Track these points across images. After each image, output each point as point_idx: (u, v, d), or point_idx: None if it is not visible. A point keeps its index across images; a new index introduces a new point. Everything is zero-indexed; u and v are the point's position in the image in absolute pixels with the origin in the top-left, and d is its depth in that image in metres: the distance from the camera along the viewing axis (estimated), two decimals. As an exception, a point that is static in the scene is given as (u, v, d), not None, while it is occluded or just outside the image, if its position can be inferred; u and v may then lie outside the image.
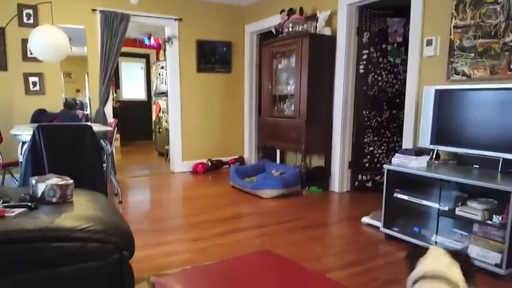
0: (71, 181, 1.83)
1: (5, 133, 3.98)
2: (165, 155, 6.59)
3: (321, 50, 4.10)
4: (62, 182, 1.79)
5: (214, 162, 5.54)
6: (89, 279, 1.54)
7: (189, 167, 5.47)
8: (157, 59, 7.89)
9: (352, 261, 2.44)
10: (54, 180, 1.86)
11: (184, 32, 5.31)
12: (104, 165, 3.45)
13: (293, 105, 4.35)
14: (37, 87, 4.43)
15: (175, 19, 5.21)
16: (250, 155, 5.87)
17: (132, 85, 9.07)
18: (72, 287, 1.52)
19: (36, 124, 2.94)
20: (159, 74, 7.15)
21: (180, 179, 5.05)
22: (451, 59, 2.97)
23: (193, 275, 1.22)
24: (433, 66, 3.13)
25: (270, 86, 4.74)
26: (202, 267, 1.26)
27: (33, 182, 1.91)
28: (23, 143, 3.08)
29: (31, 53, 4.03)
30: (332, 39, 4.13)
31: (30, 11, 4.30)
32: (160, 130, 7.08)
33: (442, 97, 2.76)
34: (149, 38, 7.80)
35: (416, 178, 2.62)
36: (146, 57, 8.99)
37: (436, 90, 2.79)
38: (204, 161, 5.49)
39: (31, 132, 2.86)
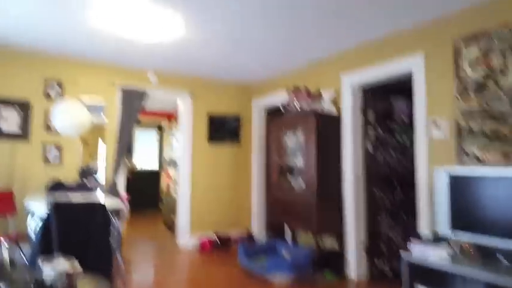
0: (80, 270, 1.84)
1: (19, 201, 4.07)
2: (171, 226, 6.54)
3: (328, 127, 4.20)
4: (71, 271, 1.80)
5: (222, 238, 5.43)
6: None
7: (196, 241, 5.40)
8: (170, 129, 8.18)
9: None
10: (62, 265, 1.87)
11: (196, 105, 5.59)
12: (111, 240, 3.45)
13: (302, 181, 4.33)
14: (55, 158, 4.58)
15: (189, 95, 5.51)
16: (259, 229, 5.78)
17: (145, 153, 9.29)
18: None
19: (51, 200, 3.00)
20: (172, 144, 7.36)
21: (187, 256, 4.91)
22: (460, 142, 2.97)
23: None
24: (443, 148, 3.14)
25: (278, 161, 4.81)
26: None
27: (41, 265, 1.92)
28: (33, 214, 3.13)
29: (52, 125, 4.27)
30: (338, 117, 4.26)
31: (56, 86, 4.61)
32: (168, 200, 7.10)
33: (455, 181, 2.72)
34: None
35: (437, 271, 2.51)
36: (160, 126, 9.32)
37: (449, 175, 2.75)
38: (212, 236, 5.42)
39: (44, 207, 2.92)
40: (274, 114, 5.32)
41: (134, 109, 4.99)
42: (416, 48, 3.43)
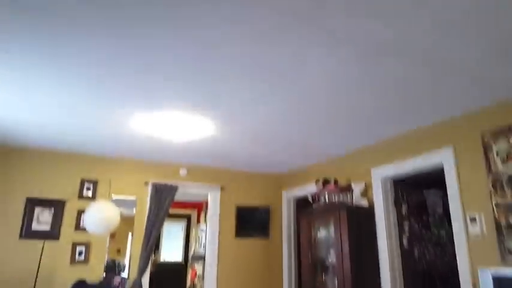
0: None
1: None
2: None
3: (360, 221, 4.07)
4: None
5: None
6: None
7: None
8: (198, 221, 8.13)
9: None
10: None
11: (225, 197, 5.60)
12: None
13: (336, 278, 4.10)
14: (82, 257, 4.55)
15: (218, 187, 5.58)
16: (290, 330, 5.34)
17: (171, 246, 9.13)
18: None
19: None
20: (199, 237, 7.25)
21: None
22: (501, 239, 2.83)
23: None
24: (483, 245, 2.97)
25: (309, 257, 4.60)
26: None
27: None
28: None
29: (83, 223, 4.33)
30: (370, 211, 4.15)
31: (91, 185, 4.79)
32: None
33: (500, 283, 2.53)
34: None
35: None
36: (188, 217, 9.29)
37: (494, 277, 2.57)
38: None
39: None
40: (304, 206, 5.25)
41: (165, 203, 5.06)
42: (445, 142, 3.43)
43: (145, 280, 4.83)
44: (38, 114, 3.49)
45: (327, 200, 4.50)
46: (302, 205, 5.54)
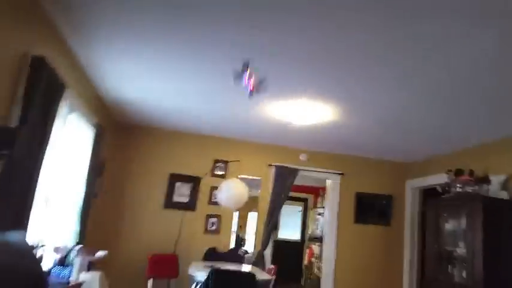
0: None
1: (181, 266, 4.59)
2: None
3: (498, 214, 3.68)
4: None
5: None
6: None
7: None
8: (315, 205, 8.28)
9: None
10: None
11: (345, 184, 5.60)
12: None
13: (464, 271, 3.82)
14: (214, 227, 5.14)
15: (338, 173, 5.60)
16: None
17: (288, 226, 9.52)
18: None
19: (211, 267, 3.36)
20: (316, 220, 7.40)
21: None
22: None
23: None
24: None
25: (434, 247, 4.35)
26: None
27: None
28: (197, 283, 3.51)
29: (215, 198, 4.85)
30: (510, 204, 3.71)
31: (222, 165, 5.32)
32: (311, 276, 6.98)
33: None
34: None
35: None
36: (304, 201, 9.53)
37: None
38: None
39: (204, 274, 3.27)
40: (430, 196, 4.93)
41: (286, 185, 5.32)
42: None
43: (268, 252, 5.20)
44: (179, 100, 4.00)
45: (459, 191, 4.15)
46: (427, 195, 5.19)
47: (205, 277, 3.24)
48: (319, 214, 7.14)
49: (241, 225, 8.49)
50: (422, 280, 4.73)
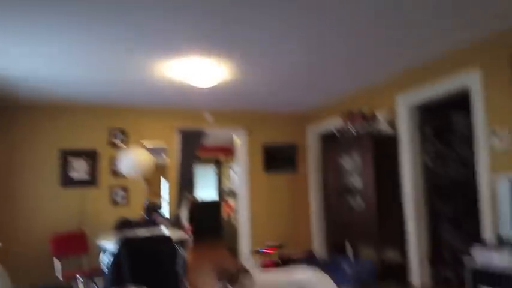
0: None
1: (91, 240, 4.37)
2: (234, 251, 6.61)
3: (385, 147, 4.15)
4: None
5: (284, 258, 5.36)
6: None
7: (258, 262, 5.39)
8: (227, 163, 8.42)
9: None
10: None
11: (251, 138, 5.74)
12: (178, 268, 3.59)
13: (362, 201, 4.31)
14: (123, 200, 4.93)
15: (244, 129, 5.70)
16: (320, 249, 5.71)
17: (204, 187, 9.61)
18: None
19: (121, 236, 3.22)
20: (229, 176, 7.55)
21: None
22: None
23: None
24: (504, 157, 3.00)
25: (335, 184, 4.78)
26: None
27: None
28: (105, 250, 3.36)
29: (118, 169, 4.61)
30: (395, 137, 4.17)
31: (120, 134, 5.02)
32: (231, 229, 7.22)
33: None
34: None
35: (505, 276, 2.41)
36: (217, 160, 9.63)
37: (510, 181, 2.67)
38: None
39: (115, 244, 3.14)
40: (329, 140, 5.32)
41: (193, 148, 5.27)
42: (472, 64, 3.30)
43: (184, 214, 5.22)
44: (50, 68, 3.58)
45: (353, 132, 4.54)
46: (328, 140, 5.60)
47: (115, 249, 3.11)
48: (233, 170, 7.29)
49: (155, 192, 8.29)
50: (327, 212, 5.22)
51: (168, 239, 3.33)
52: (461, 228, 3.99)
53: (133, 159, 3.94)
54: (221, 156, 9.40)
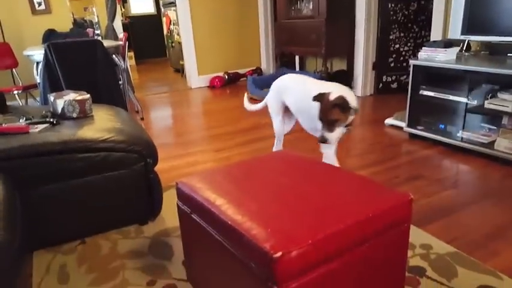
0: (88, 95, 1.82)
1: (19, 55, 3.96)
2: (180, 71, 6.49)
3: None
4: (80, 97, 1.78)
5: (231, 75, 5.41)
6: (118, 187, 1.61)
7: (206, 82, 5.38)
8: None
9: (374, 161, 2.45)
10: (72, 95, 1.85)
11: None
12: (120, 82, 3.45)
13: (311, 4, 4.08)
14: (43, 6, 4.27)
15: None
16: (268, 65, 5.69)
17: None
18: (104, 194, 1.60)
19: (47, 42, 2.88)
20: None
21: (198, 94, 5.02)
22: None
23: (214, 173, 1.24)
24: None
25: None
26: (223, 167, 1.28)
27: (52, 98, 1.92)
28: (37, 63, 3.06)
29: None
30: None
31: None
32: (173, 45, 6.87)
33: None
34: None
35: (444, 73, 2.49)
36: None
37: None
38: (221, 74, 5.37)
39: (43, 51, 2.82)
40: None
41: None
42: None
43: (118, 25, 4.75)
44: None
45: None
46: None
47: (43, 55, 2.81)
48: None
49: (87, 8, 7.35)
50: (275, 22, 4.98)
51: (99, 42, 3.02)
52: (412, 34, 3.97)
53: None
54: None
